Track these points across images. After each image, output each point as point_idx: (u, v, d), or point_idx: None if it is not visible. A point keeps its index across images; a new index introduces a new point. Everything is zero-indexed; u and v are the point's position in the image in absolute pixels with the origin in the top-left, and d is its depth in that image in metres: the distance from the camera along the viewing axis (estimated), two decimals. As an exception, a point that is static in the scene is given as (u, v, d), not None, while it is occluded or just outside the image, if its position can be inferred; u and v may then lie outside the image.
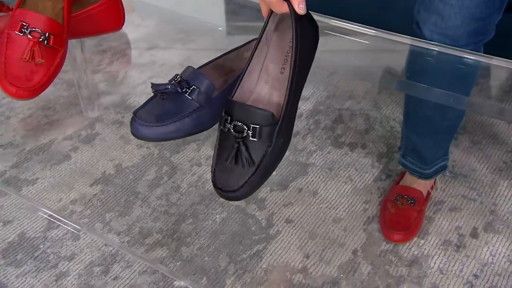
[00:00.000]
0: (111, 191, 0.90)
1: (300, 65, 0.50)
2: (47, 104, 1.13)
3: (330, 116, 1.10)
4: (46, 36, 0.54)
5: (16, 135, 1.04)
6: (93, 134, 1.03)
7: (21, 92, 0.50)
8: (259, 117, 0.47)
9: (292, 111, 0.49)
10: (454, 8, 0.65)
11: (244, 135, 0.46)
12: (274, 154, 0.49)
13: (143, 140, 0.50)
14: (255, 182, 0.48)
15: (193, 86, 0.50)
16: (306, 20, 0.52)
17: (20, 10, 0.54)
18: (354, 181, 0.94)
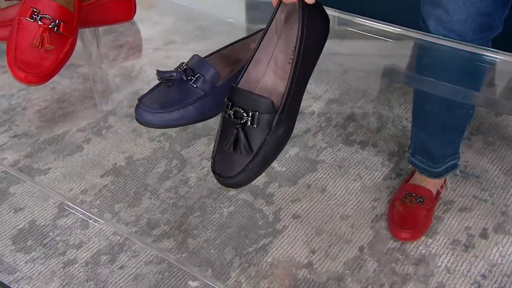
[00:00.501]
0: (121, 182, 0.91)
1: (305, 56, 0.50)
2: (63, 97, 1.15)
3: (342, 114, 1.09)
4: (56, 23, 0.54)
5: (31, 125, 1.06)
6: (106, 127, 1.04)
7: (30, 77, 0.51)
8: (258, 104, 0.47)
9: (294, 102, 0.49)
10: (459, 3, 0.65)
11: (244, 121, 0.46)
12: (273, 143, 0.48)
13: (147, 126, 0.51)
14: (253, 170, 0.48)
15: (198, 74, 0.51)
16: (316, 11, 0.52)
17: (32, -4, 0.55)
18: (363, 179, 0.93)
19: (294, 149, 1.01)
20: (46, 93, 1.17)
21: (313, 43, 0.52)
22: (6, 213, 0.86)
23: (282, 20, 0.53)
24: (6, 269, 0.76)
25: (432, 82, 0.72)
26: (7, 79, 1.22)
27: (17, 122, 1.08)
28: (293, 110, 0.49)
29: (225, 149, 0.47)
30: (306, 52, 0.50)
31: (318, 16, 0.52)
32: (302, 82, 0.51)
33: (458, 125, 0.80)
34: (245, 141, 0.47)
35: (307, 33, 0.49)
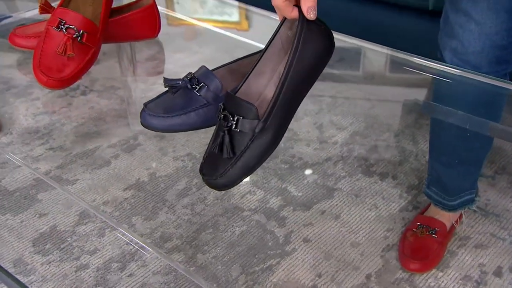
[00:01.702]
0: (141, 196, 0.95)
1: (298, 70, 0.52)
2: (100, 115, 1.22)
3: (365, 146, 1.10)
4: (80, 33, 0.60)
5: (66, 140, 1.12)
6: (135, 145, 1.09)
7: (51, 81, 0.56)
8: (243, 109, 0.49)
9: (281, 113, 0.51)
10: (474, 34, 0.65)
11: (229, 124, 0.48)
12: (255, 150, 0.50)
13: (150, 129, 0.54)
14: (233, 174, 0.50)
15: (202, 83, 0.54)
16: (317, 29, 0.54)
17: (61, 8, 0.60)
18: (379, 209, 0.93)
19: (312, 175, 1.02)
20: (85, 111, 1.24)
21: (309, 60, 0.53)
22: (31, 217, 0.91)
23: (287, 36, 0.56)
24: (24, 269, 0.80)
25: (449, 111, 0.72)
26: (51, 98, 1.30)
27: (54, 136, 1.15)
28: (279, 121, 0.51)
29: (212, 150, 0.50)
30: (300, 67, 0.51)
31: (320, 34, 0.54)
32: (293, 96, 0.52)
33: (475, 158, 0.79)
34: (228, 144, 0.49)
35: (302, 48, 0.51)
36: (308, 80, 0.52)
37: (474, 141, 0.75)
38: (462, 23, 0.66)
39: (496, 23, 0.64)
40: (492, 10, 0.63)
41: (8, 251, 0.81)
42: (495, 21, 0.63)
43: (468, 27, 0.65)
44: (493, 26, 0.64)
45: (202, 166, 0.50)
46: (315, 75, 0.53)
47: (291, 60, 0.51)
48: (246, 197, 0.96)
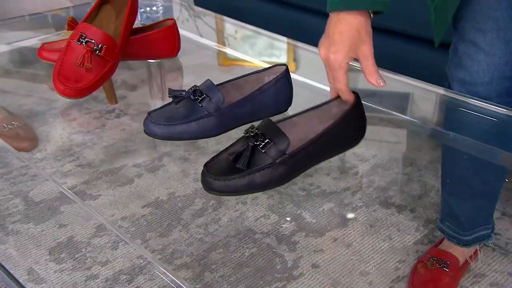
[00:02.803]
0: (158, 214, 0.98)
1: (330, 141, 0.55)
2: (129, 137, 1.27)
3: (385, 178, 1.09)
4: (99, 47, 0.64)
5: (95, 158, 1.17)
6: (159, 165, 1.13)
7: (68, 91, 0.60)
8: (279, 137, 0.52)
9: (302, 160, 0.53)
10: (482, 65, 0.65)
11: (257, 143, 0.51)
12: (266, 176, 0.52)
13: (152, 136, 0.57)
14: (235, 185, 0.52)
15: (205, 95, 0.57)
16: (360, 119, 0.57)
17: (83, 24, 0.65)
18: (393, 240, 0.91)
19: (329, 204, 1.01)
20: (116, 132, 1.30)
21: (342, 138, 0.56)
22: (51, 227, 0.94)
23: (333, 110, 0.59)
24: (37, 276, 0.84)
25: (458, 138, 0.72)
26: (87, 119, 1.37)
27: (85, 154, 1.20)
28: (297, 166, 0.53)
29: (228, 156, 0.52)
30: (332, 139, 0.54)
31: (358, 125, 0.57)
32: (315, 156, 0.55)
33: (489, 191, 0.78)
34: (247, 157, 0.51)
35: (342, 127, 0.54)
36: (332, 152, 0.55)
37: (488, 173, 0.73)
38: (470, 54, 0.66)
39: (506, 53, 0.64)
40: (501, 40, 0.63)
41: (25, 257, 0.85)
42: (504, 51, 0.63)
43: (477, 58, 0.65)
44: (502, 57, 0.64)
45: (208, 163, 0.52)
46: (338, 151, 0.56)
47: (329, 131, 0.54)
48: (260, 220, 0.97)
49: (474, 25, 0.66)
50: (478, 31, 0.66)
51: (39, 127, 1.28)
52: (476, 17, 0.66)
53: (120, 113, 1.36)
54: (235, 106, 0.56)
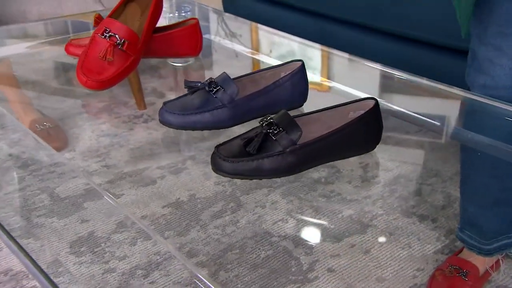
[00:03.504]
0: (178, 214, 0.99)
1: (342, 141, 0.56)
2: (155, 141, 1.29)
3: (408, 188, 1.08)
4: (121, 41, 0.66)
5: (121, 159, 1.20)
6: (182, 168, 1.14)
7: (90, 82, 0.62)
8: (291, 127, 0.53)
9: (311, 154, 0.54)
10: (505, 69, 0.64)
11: (270, 130, 0.52)
12: (274, 163, 0.53)
13: (166, 125, 0.58)
14: (242, 167, 0.53)
15: (219, 87, 0.58)
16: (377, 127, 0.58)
17: (108, 19, 0.68)
18: (412, 249, 0.90)
19: (348, 211, 1.01)
20: (143, 136, 1.33)
21: (356, 141, 0.57)
22: (74, 222, 0.97)
23: (350, 113, 0.60)
24: (57, 266, 0.86)
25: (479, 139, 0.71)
26: (116, 123, 1.40)
27: (111, 156, 1.23)
28: (306, 159, 0.54)
29: (240, 141, 0.53)
30: (344, 140, 0.55)
31: (375, 132, 0.58)
32: (326, 153, 0.56)
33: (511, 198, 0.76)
34: (258, 142, 0.52)
35: (356, 131, 0.55)
36: (343, 153, 0.56)
37: (510, 178, 0.72)
38: (492, 58, 0.65)
39: None
40: None
41: (47, 248, 0.87)
42: None
43: (500, 62, 0.64)
44: None
45: (220, 145, 0.53)
46: (350, 153, 0.56)
47: (341, 130, 0.55)
48: (278, 224, 0.97)
49: (496, 29, 0.66)
50: (501, 35, 0.65)
51: (70, 129, 1.32)
52: (499, 21, 0.66)
53: (148, 119, 1.39)
54: (249, 99, 0.57)
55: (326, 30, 1.74)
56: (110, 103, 1.40)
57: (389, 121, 1.27)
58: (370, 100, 0.53)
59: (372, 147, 0.57)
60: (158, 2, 0.68)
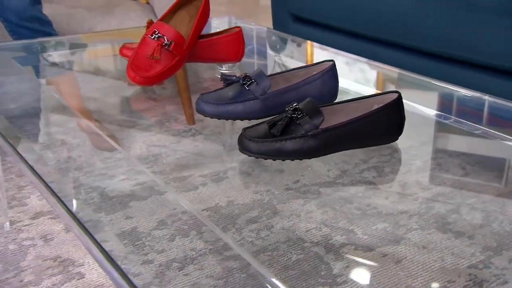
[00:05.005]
0: (215, 217, 1.03)
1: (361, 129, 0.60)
2: (200, 153, 1.36)
3: (446, 207, 1.07)
4: (169, 42, 0.73)
5: (167, 167, 1.27)
6: (223, 177, 1.20)
7: (138, 78, 0.68)
8: (314, 112, 0.57)
9: (332, 139, 0.57)
10: None
11: (294, 115, 0.56)
12: (295, 144, 0.57)
13: (202, 114, 0.63)
14: (266, 148, 0.57)
15: (253, 80, 0.62)
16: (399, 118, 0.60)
17: (159, 22, 0.75)
18: (445, 262, 0.89)
19: (383, 224, 1.02)
20: (190, 148, 1.39)
21: (376, 129, 0.61)
22: (119, 218, 1.03)
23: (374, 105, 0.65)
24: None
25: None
26: (165, 136, 1.48)
27: (158, 164, 1.30)
28: (326, 143, 0.58)
29: (266, 124, 0.57)
30: (364, 128, 0.59)
31: (397, 123, 0.61)
32: (347, 139, 0.59)
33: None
34: (282, 125, 0.56)
35: (377, 121, 0.59)
36: (364, 141, 0.59)
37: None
38: None
39: None
40: None
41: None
42: None
43: None
44: None
45: (247, 128, 0.58)
46: (371, 142, 0.60)
47: (363, 118, 0.59)
48: (311, 231, 0.99)
49: None
50: None
51: (123, 138, 1.40)
52: None
53: (196, 133, 1.46)
54: (280, 93, 0.61)
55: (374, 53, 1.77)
56: (162, 118, 1.48)
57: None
58: (394, 93, 0.56)
59: (393, 139, 0.59)
60: (204, 11, 0.75)
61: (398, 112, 0.56)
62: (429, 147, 1.27)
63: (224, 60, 0.87)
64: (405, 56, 1.79)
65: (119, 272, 0.68)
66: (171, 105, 1.55)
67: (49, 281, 1.59)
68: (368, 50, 1.82)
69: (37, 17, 1.96)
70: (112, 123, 1.49)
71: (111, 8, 2.47)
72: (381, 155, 1.18)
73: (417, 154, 1.31)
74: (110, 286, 1.56)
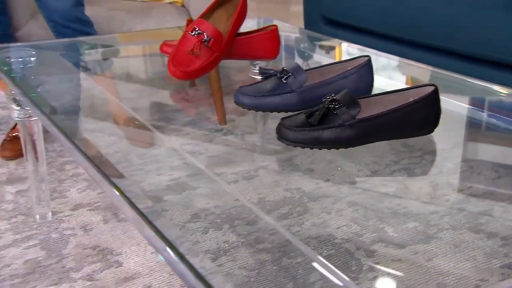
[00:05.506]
0: (247, 211, 1.05)
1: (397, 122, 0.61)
2: (232, 152, 1.38)
3: (478, 208, 1.07)
4: (208, 38, 0.76)
5: (200, 163, 1.30)
6: (254, 175, 1.22)
7: (178, 73, 0.71)
8: (352, 103, 0.59)
9: (368, 129, 0.59)
10: None
11: (331, 105, 0.58)
12: (332, 133, 0.59)
13: (240, 105, 0.65)
14: (303, 136, 0.59)
15: (290, 74, 0.65)
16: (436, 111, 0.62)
17: (199, 19, 0.78)
18: (477, 261, 0.89)
19: (413, 223, 1.02)
20: (221, 147, 1.42)
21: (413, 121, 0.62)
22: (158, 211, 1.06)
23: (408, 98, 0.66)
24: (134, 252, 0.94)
25: None
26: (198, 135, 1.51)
27: (191, 161, 1.33)
28: (363, 133, 0.60)
29: (303, 115, 0.59)
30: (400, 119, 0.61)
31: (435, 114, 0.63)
32: (384, 130, 0.61)
33: None
34: (319, 115, 0.58)
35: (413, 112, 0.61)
36: (400, 132, 0.60)
37: None
38: None
39: None
40: None
41: (129, 239, 0.97)
42: None
43: None
44: None
45: (285, 118, 0.60)
46: (406, 133, 0.61)
47: (399, 109, 0.61)
48: (341, 228, 1.00)
49: None
50: None
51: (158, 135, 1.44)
52: None
53: (227, 132, 1.49)
54: (316, 86, 0.63)
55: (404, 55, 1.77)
56: (195, 118, 1.52)
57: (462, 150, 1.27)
58: (430, 86, 0.57)
59: (429, 131, 0.61)
60: (242, 10, 0.77)
61: (434, 104, 0.57)
62: (461, 148, 1.26)
63: (260, 57, 0.89)
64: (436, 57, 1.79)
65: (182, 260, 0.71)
66: (203, 106, 1.58)
67: (89, 268, 1.64)
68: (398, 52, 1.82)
69: (80, 18, 2.05)
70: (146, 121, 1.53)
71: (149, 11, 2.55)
72: (412, 156, 1.19)
73: (448, 156, 1.31)
74: (146, 275, 1.59)
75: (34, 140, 1.61)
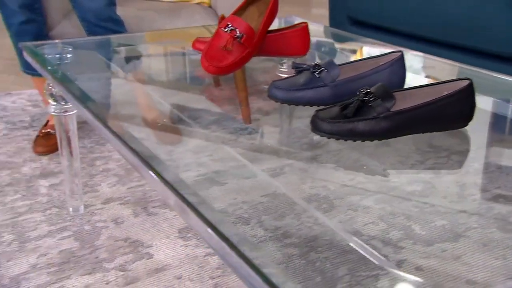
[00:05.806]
0: (275, 203, 1.07)
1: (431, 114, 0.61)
2: (258, 149, 1.39)
3: (507, 208, 1.07)
4: (240, 34, 0.77)
5: (227, 158, 1.31)
6: (280, 173, 1.23)
7: (211, 68, 0.73)
8: (387, 96, 0.60)
9: (402, 121, 0.59)
10: None
11: (366, 98, 0.58)
12: (367, 125, 0.59)
13: (274, 99, 0.67)
14: (338, 128, 0.60)
15: (323, 68, 0.66)
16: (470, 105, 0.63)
17: (231, 16, 0.79)
18: (507, 260, 0.89)
19: (441, 221, 1.02)
20: (247, 144, 1.44)
21: (447, 114, 0.62)
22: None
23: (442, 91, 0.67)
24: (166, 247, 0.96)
25: None
26: (223, 133, 1.53)
27: (219, 155, 1.35)
28: (396, 124, 0.60)
29: (338, 107, 0.60)
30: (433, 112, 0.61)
31: (468, 109, 0.63)
32: (418, 123, 0.61)
33: None
34: (354, 107, 0.59)
35: (448, 106, 0.61)
36: (435, 126, 0.61)
37: None
38: None
39: None
40: None
41: (158, 232, 0.99)
42: None
43: None
44: None
45: (320, 110, 0.61)
46: (441, 127, 0.62)
47: (434, 103, 0.61)
48: (368, 225, 1.01)
49: None
50: None
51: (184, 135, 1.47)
52: None
53: (252, 131, 1.50)
54: (349, 81, 0.63)
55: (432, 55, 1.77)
56: (219, 118, 1.54)
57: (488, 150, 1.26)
58: (465, 80, 0.57)
59: (463, 125, 0.61)
60: (273, 8, 0.78)
61: (469, 98, 0.57)
62: (489, 149, 1.25)
63: (291, 54, 0.90)
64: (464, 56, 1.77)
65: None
66: (228, 105, 1.60)
67: (121, 259, 1.68)
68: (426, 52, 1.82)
69: (112, 18, 2.10)
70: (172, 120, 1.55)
71: (177, 11, 2.60)
72: (438, 157, 1.18)
73: (475, 156, 1.30)
74: (176, 266, 1.61)
75: (69, 135, 1.65)
